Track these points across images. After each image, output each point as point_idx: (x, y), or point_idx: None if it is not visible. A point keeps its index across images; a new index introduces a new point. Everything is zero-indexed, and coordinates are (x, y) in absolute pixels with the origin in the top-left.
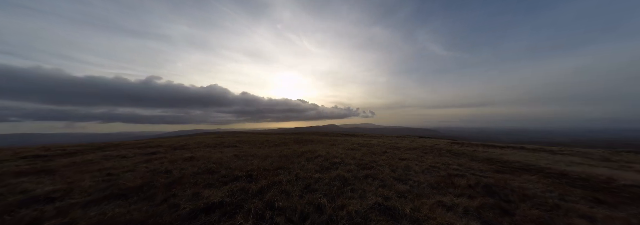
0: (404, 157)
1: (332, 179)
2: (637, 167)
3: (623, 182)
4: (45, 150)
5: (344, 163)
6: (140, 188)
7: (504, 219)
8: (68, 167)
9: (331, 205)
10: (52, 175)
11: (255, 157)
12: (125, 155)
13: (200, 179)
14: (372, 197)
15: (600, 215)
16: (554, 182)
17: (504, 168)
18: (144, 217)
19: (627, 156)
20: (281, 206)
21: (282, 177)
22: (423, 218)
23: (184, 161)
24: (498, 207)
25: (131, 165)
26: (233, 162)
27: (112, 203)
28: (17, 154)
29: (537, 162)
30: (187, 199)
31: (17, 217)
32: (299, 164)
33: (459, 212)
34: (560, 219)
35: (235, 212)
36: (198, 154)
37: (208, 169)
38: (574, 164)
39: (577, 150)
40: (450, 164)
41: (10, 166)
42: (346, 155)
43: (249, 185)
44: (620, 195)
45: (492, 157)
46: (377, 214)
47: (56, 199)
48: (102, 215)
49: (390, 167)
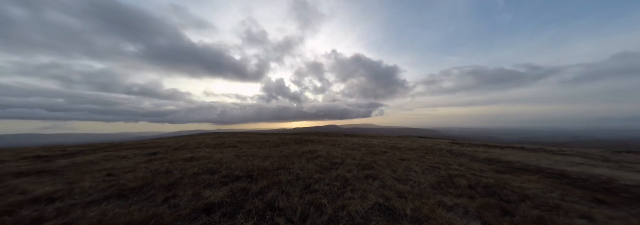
0: (404, 157)
1: (332, 179)
2: (637, 167)
3: (623, 182)
4: (45, 151)
5: (344, 163)
6: (140, 188)
7: (504, 219)
8: (68, 168)
9: (331, 205)
10: (53, 176)
11: (256, 157)
12: (125, 156)
13: (200, 179)
14: (372, 197)
15: (601, 215)
16: (554, 182)
17: (504, 168)
18: (144, 217)
19: (627, 156)
20: (281, 206)
21: (282, 177)
22: (423, 218)
23: (184, 161)
24: (498, 207)
25: (131, 165)
26: (233, 162)
27: (112, 203)
28: (17, 154)
29: (537, 162)
30: (187, 199)
31: (17, 217)
32: (299, 164)
33: (459, 212)
34: (560, 219)
35: (235, 212)
36: (198, 154)
37: (208, 169)
38: (574, 164)
39: (577, 150)
40: (451, 163)
41: (11, 166)
42: (346, 155)
43: (249, 185)
44: (620, 195)
45: (492, 157)
46: (377, 214)
47: (56, 199)
48: (102, 215)
49: (391, 167)
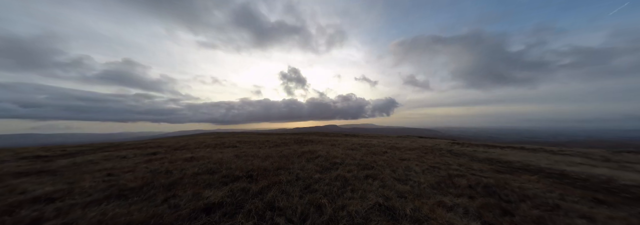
0: (404, 157)
1: (332, 179)
2: (637, 167)
3: (623, 182)
4: (45, 151)
5: (344, 163)
6: (140, 188)
7: (504, 219)
8: (68, 168)
9: (331, 205)
10: (53, 176)
11: (256, 157)
12: (125, 156)
13: (200, 179)
14: (372, 197)
15: (601, 215)
16: (554, 182)
17: (504, 168)
18: (144, 217)
19: (627, 156)
20: (281, 206)
21: (282, 177)
22: (423, 218)
23: (184, 161)
24: (498, 207)
25: (131, 165)
26: (233, 162)
27: (112, 203)
28: (17, 154)
29: (537, 162)
30: (187, 199)
31: (17, 217)
32: (299, 164)
33: (459, 212)
34: (560, 219)
35: (235, 212)
36: (198, 154)
37: (208, 169)
38: (574, 164)
39: (577, 150)
40: (451, 163)
41: (11, 166)
42: (346, 155)
43: (249, 185)
44: (620, 195)
45: (492, 157)
46: (377, 214)
47: (56, 199)
48: (102, 215)
49: (391, 167)
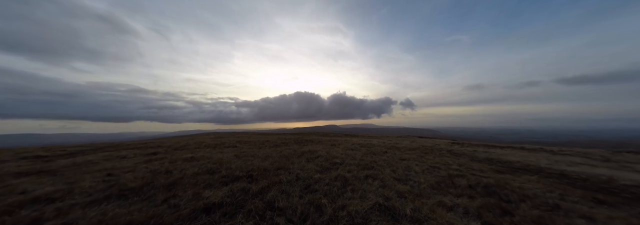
0: (404, 157)
1: (332, 179)
2: (637, 167)
3: (623, 182)
4: (45, 151)
5: (344, 163)
6: (140, 188)
7: (504, 219)
8: (68, 168)
9: (331, 205)
10: (53, 176)
11: (255, 157)
12: (125, 156)
13: (200, 179)
14: (372, 197)
15: (601, 215)
16: (554, 182)
17: (504, 168)
18: (144, 218)
19: (627, 156)
20: (281, 206)
21: (282, 177)
22: (423, 218)
23: (184, 161)
24: (498, 207)
25: (131, 165)
26: (233, 162)
27: (112, 203)
28: (18, 154)
29: (537, 162)
30: (188, 199)
31: (17, 218)
32: (299, 164)
33: (459, 212)
34: (560, 219)
35: (235, 212)
36: (198, 154)
37: (208, 169)
38: (574, 164)
39: (577, 150)
40: (450, 164)
41: (11, 166)
42: (346, 155)
43: (249, 186)
44: (620, 195)
45: (492, 157)
46: (377, 214)
47: (56, 199)
48: (102, 215)
49: (391, 167)
